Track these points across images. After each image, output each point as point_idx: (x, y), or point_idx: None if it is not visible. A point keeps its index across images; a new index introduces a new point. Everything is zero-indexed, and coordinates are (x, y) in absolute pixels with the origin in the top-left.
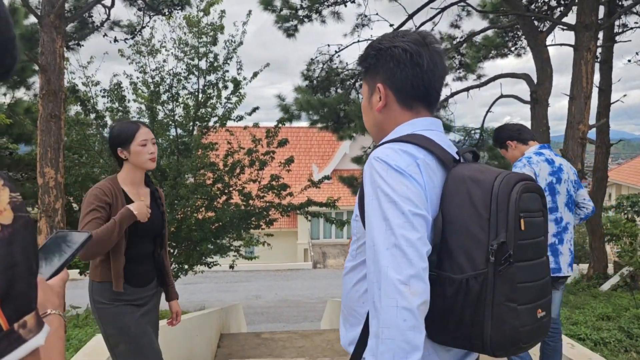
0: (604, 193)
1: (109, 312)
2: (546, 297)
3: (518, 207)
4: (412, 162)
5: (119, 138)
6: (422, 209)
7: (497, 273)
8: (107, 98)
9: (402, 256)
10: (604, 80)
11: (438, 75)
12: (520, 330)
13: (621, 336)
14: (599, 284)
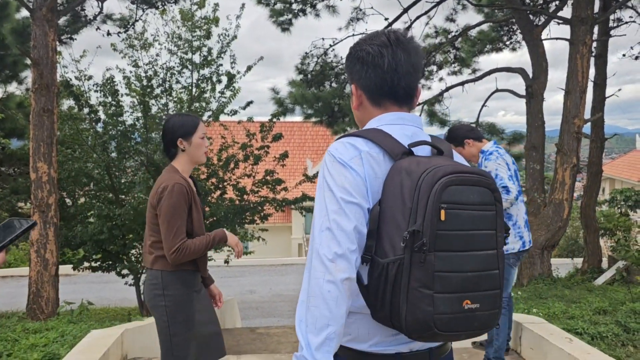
0: (598, 187)
1: (181, 300)
2: (481, 290)
3: (438, 199)
4: (356, 155)
5: (182, 129)
6: (356, 197)
7: (413, 260)
8: (100, 92)
9: (332, 238)
10: (599, 75)
11: (402, 72)
12: (435, 317)
13: (618, 330)
14: (594, 278)
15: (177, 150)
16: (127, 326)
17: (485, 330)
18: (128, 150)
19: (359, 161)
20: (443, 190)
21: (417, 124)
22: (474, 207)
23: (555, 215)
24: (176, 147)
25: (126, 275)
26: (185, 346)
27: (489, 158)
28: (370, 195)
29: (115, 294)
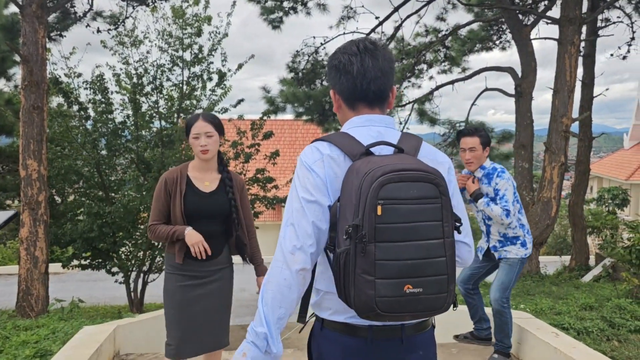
0: (585, 186)
1: (168, 277)
2: (424, 276)
3: (375, 195)
4: (319, 158)
5: (185, 129)
6: (316, 197)
7: (357, 250)
8: (90, 90)
9: (293, 232)
10: (587, 74)
11: (371, 77)
12: (377, 300)
13: (603, 325)
14: (581, 275)
15: None
16: (119, 322)
17: (434, 313)
18: (118, 148)
19: (321, 164)
20: (380, 188)
21: (386, 124)
22: (413, 201)
23: (544, 213)
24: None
25: (116, 273)
26: (170, 321)
27: (502, 177)
28: (331, 193)
29: (105, 292)
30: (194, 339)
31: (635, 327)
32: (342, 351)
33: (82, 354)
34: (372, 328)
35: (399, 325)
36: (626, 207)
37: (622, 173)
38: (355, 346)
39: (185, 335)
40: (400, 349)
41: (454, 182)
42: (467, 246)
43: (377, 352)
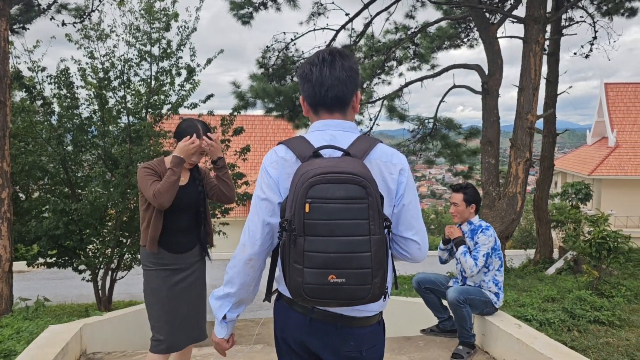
0: (550, 181)
1: (148, 273)
2: (347, 269)
3: (304, 194)
4: (275, 160)
5: (178, 132)
6: (267, 195)
7: (290, 242)
8: (54, 84)
9: (247, 228)
10: (551, 72)
11: (329, 84)
12: (304, 287)
13: (565, 316)
14: (545, 268)
15: None
16: (86, 321)
17: (357, 302)
18: (84, 144)
19: (275, 165)
20: (309, 188)
21: (343, 128)
22: (339, 200)
23: (509, 208)
24: None
25: (83, 271)
26: (157, 318)
27: (485, 233)
28: (282, 192)
29: (72, 290)
30: (180, 331)
31: (595, 317)
32: (288, 321)
33: (48, 353)
34: (314, 309)
35: (338, 314)
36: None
37: (585, 168)
38: (297, 320)
39: (173, 329)
40: (334, 335)
41: (406, 183)
42: (417, 244)
43: (315, 332)
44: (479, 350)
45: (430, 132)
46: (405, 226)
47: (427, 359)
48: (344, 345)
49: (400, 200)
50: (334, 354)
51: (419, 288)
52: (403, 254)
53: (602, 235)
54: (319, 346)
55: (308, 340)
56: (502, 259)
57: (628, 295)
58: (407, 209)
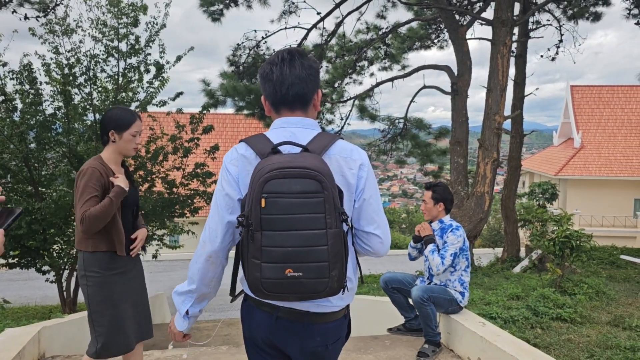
0: (517, 181)
1: (99, 280)
2: (304, 262)
3: (260, 190)
4: (235, 157)
5: (117, 122)
6: (227, 191)
7: (248, 237)
8: (16, 80)
9: (208, 226)
10: (518, 74)
11: (288, 84)
12: (263, 281)
13: (528, 314)
14: (512, 266)
15: (109, 140)
16: (45, 324)
17: (316, 296)
18: (48, 141)
19: (236, 162)
20: (264, 183)
21: (303, 125)
22: (294, 195)
23: (477, 207)
24: (108, 136)
25: (47, 271)
26: (105, 324)
27: (455, 233)
28: (242, 188)
29: (36, 291)
30: (130, 332)
31: (557, 314)
32: (254, 321)
33: (3, 357)
34: (280, 308)
35: (304, 311)
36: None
37: (552, 168)
38: (264, 319)
39: (122, 330)
40: (301, 332)
41: (366, 177)
42: (379, 238)
43: (281, 330)
44: (444, 348)
45: (400, 132)
46: (366, 220)
47: (393, 357)
48: (311, 341)
49: (361, 194)
50: (301, 351)
51: (386, 287)
52: (366, 249)
53: (565, 234)
54: (286, 344)
55: (275, 338)
56: (469, 260)
57: (590, 292)
58: (368, 203)
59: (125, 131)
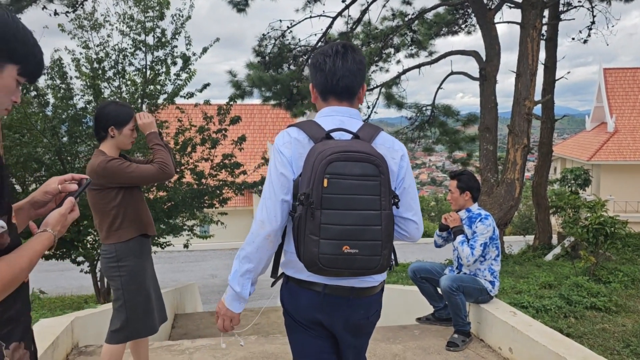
0: (549, 167)
1: (133, 269)
2: (361, 240)
3: (323, 171)
4: (287, 140)
5: (116, 118)
6: (282, 171)
7: (307, 215)
8: (48, 75)
9: (265, 206)
10: (549, 58)
11: (340, 75)
12: (320, 256)
13: (561, 303)
14: (544, 254)
15: (107, 135)
16: (78, 314)
17: (367, 272)
18: (80, 135)
19: (289, 145)
20: (327, 165)
21: (350, 115)
22: (355, 177)
23: (507, 195)
24: (106, 132)
25: (82, 262)
26: (139, 310)
27: (484, 222)
28: (295, 170)
29: (72, 281)
30: (155, 315)
31: (591, 303)
32: (300, 301)
33: (38, 347)
34: (327, 286)
35: (349, 287)
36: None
37: (584, 154)
38: (309, 298)
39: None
40: (347, 307)
41: (406, 167)
42: (415, 224)
43: (328, 306)
44: (474, 338)
45: (428, 119)
46: (405, 207)
47: (422, 347)
48: (355, 315)
49: (402, 183)
50: (345, 324)
51: (414, 277)
52: (402, 234)
53: (599, 221)
54: (332, 319)
55: (321, 315)
56: (499, 248)
57: (625, 280)
58: (407, 191)
59: (125, 126)
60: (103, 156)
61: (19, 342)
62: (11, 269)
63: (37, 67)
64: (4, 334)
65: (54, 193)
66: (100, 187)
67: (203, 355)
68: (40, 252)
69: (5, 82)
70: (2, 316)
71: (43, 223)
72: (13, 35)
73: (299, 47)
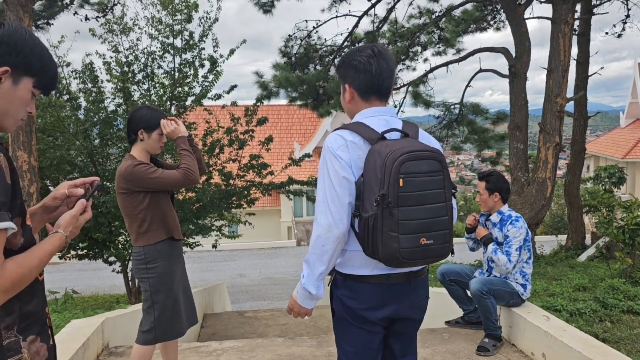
0: (581, 165)
1: (162, 271)
2: (434, 231)
3: (398, 171)
4: (342, 143)
5: (146, 122)
6: (343, 174)
7: (384, 213)
8: (79, 79)
9: (328, 210)
10: (581, 53)
11: (385, 76)
12: (400, 250)
13: (596, 306)
14: (577, 254)
15: (137, 138)
16: (108, 315)
17: (439, 259)
18: (110, 137)
19: (345, 148)
20: (401, 165)
21: (390, 114)
22: (424, 174)
23: (539, 194)
24: (137, 135)
25: (113, 262)
26: (166, 312)
27: (515, 225)
28: (355, 171)
29: (105, 281)
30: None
31: (628, 307)
32: (362, 295)
33: (69, 348)
34: (389, 276)
35: (409, 272)
36: (622, 186)
37: (619, 151)
38: (374, 290)
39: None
40: (408, 290)
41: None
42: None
43: (393, 294)
44: (505, 342)
45: (456, 117)
46: None
47: (451, 351)
48: (417, 296)
49: None
50: (410, 307)
51: (443, 279)
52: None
53: (635, 221)
54: (398, 304)
55: (386, 303)
56: (531, 250)
57: None
58: None
59: (154, 131)
60: (131, 160)
61: (36, 336)
62: (20, 268)
63: (51, 80)
64: (22, 327)
65: (62, 198)
66: (127, 191)
67: (230, 357)
68: (50, 252)
69: (22, 93)
70: (20, 311)
71: (55, 225)
72: (30, 50)
73: (325, 47)
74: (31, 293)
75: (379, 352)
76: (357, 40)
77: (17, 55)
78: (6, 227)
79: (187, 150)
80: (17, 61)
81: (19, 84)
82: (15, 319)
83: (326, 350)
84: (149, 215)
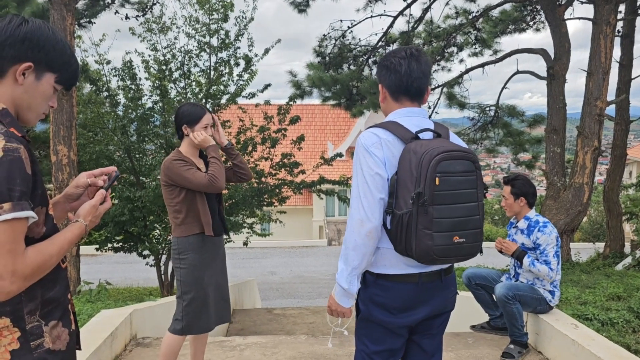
0: (622, 171)
1: (192, 263)
2: (466, 230)
3: (434, 170)
4: (377, 141)
5: (188, 117)
6: (377, 171)
7: (419, 211)
8: (119, 77)
9: (361, 205)
10: (624, 55)
11: (415, 77)
12: (434, 248)
13: (630, 316)
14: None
15: (183, 134)
16: (136, 306)
17: (470, 257)
18: (147, 134)
19: (379, 146)
20: (437, 164)
21: (422, 115)
22: (459, 174)
23: (575, 200)
24: (181, 131)
25: (147, 256)
26: (193, 304)
27: (544, 231)
28: (389, 169)
29: (140, 274)
30: (211, 313)
31: None
32: (393, 295)
33: (97, 337)
34: (422, 274)
35: (438, 270)
36: None
37: None
38: (407, 290)
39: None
40: (442, 287)
41: None
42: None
43: (424, 292)
44: (531, 350)
45: (491, 120)
46: None
47: (476, 356)
48: (447, 292)
49: None
50: (441, 303)
51: (469, 284)
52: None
53: None
54: (430, 301)
55: (418, 301)
56: (559, 256)
57: None
58: None
59: (196, 125)
60: (174, 154)
61: (57, 321)
62: (40, 255)
63: (72, 75)
64: (44, 313)
65: (84, 186)
66: (167, 183)
67: (253, 353)
68: (70, 241)
69: (44, 88)
70: (43, 297)
71: (76, 214)
72: (52, 46)
73: (359, 47)
74: (54, 280)
75: (401, 353)
76: (392, 40)
77: (39, 52)
78: (27, 216)
79: (215, 158)
80: (40, 57)
81: (41, 79)
82: (38, 305)
83: (348, 350)
84: (184, 209)
